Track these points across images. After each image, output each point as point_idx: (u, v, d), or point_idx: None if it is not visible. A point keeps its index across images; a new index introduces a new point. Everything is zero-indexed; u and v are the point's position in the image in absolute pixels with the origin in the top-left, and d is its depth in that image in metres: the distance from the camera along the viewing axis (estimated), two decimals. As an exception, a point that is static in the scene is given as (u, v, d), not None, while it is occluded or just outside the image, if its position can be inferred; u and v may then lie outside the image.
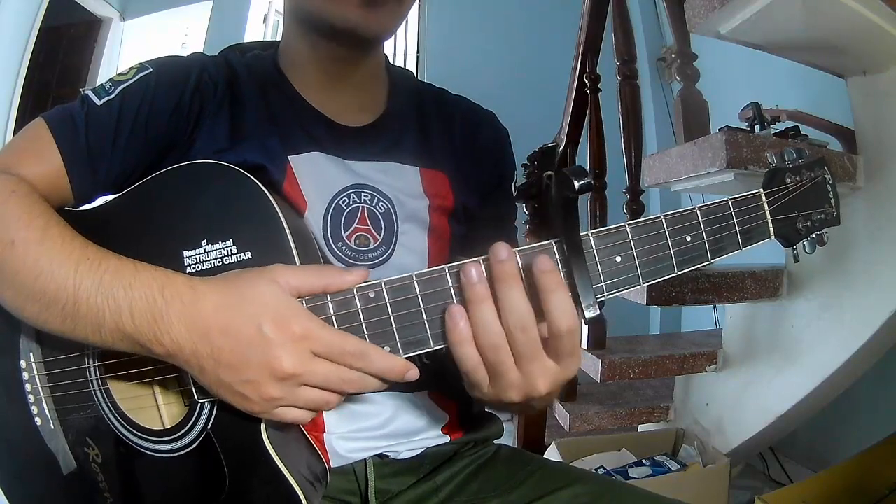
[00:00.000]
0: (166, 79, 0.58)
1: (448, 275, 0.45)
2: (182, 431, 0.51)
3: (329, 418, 0.59)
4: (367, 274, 0.46)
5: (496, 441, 0.72)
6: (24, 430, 0.55)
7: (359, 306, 0.45)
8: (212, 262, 0.49)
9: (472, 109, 0.74)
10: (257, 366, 0.43)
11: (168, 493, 0.52)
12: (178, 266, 0.49)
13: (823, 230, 0.54)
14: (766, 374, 1.41)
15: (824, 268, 1.26)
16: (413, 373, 0.46)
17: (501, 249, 0.42)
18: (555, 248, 0.45)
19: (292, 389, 0.44)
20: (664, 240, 0.47)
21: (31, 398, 0.55)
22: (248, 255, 0.48)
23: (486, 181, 0.71)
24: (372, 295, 0.45)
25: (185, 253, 0.49)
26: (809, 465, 1.79)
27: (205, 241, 0.49)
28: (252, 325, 0.43)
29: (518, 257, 0.44)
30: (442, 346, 0.45)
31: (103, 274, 0.45)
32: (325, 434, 0.59)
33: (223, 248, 0.49)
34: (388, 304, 0.45)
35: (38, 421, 0.55)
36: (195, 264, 0.49)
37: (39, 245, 0.46)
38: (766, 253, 0.52)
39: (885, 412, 1.58)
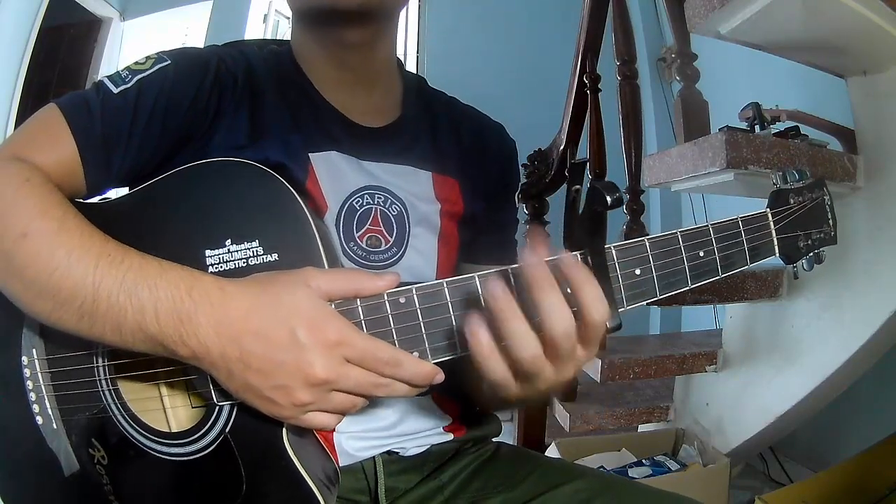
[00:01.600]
0: (185, 71, 0.57)
1: (478, 282, 0.45)
2: (198, 434, 0.50)
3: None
4: (398, 278, 0.45)
5: (495, 439, 0.73)
6: (23, 429, 0.54)
7: (389, 311, 0.45)
8: (236, 262, 0.47)
9: (480, 119, 0.75)
10: (289, 371, 0.42)
11: (180, 497, 0.51)
12: (200, 266, 0.47)
13: (821, 249, 0.57)
14: (766, 374, 1.41)
15: (824, 268, 1.25)
16: (440, 376, 0.45)
17: (532, 258, 0.41)
18: (580, 259, 0.46)
19: (323, 394, 0.43)
20: (679, 255, 0.49)
21: (32, 396, 0.53)
22: (276, 256, 0.47)
23: (492, 189, 0.72)
24: (402, 301, 0.45)
25: (208, 252, 0.48)
26: (809, 465, 1.79)
27: (229, 240, 0.47)
28: (285, 329, 0.42)
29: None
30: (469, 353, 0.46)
31: (126, 271, 0.43)
32: (334, 434, 0.59)
33: (249, 249, 0.47)
34: (418, 310, 0.45)
35: (39, 420, 0.54)
36: (218, 264, 0.48)
37: (56, 237, 0.44)
38: (766, 253, 0.55)
39: (885, 412, 1.58)
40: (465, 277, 0.45)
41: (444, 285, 0.45)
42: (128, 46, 3.48)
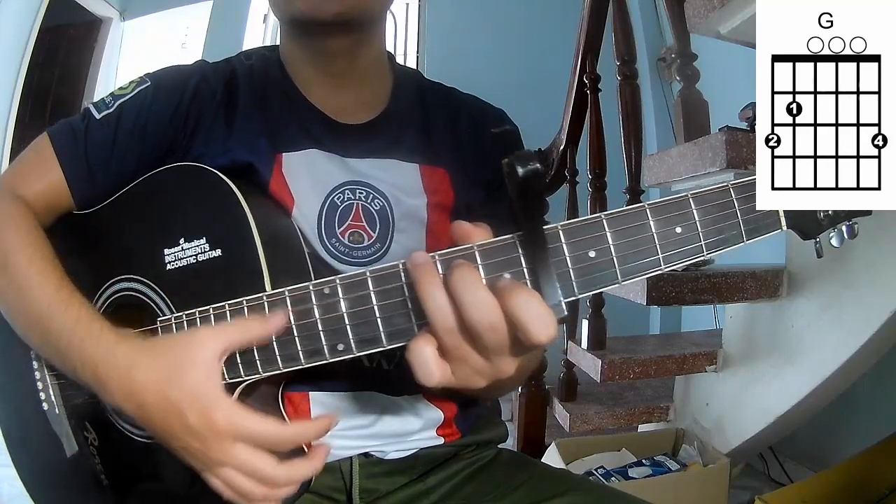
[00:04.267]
0: (164, 89, 0.61)
1: (402, 271, 0.42)
2: None
3: (316, 414, 0.60)
4: (284, 316, 0.45)
5: (500, 445, 0.72)
6: (33, 413, 0.58)
7: (314, 302, 0.44)
8: (188, 259, 0.52)
9: (480, 108, 0.73)
10: (185, 446, 0.46)
11: (159, 478, 0.55)
12: (161, 263, 0.53)
13: (853, 220, 0.44)
14: (766, 374, 1.41)
15: (824, 267, 1.26)
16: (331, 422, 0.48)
17: (419, 256, 0.40)
18: (517, 242, 0.40)
19: (219, 469, 0.46)
20: (648, 231, 0.40)
21: (39, 384, 0.58)
22: (219, 252, 0.51)
23: (491, 179, 0.70)
24: (327, 291, 0.44)
25: (166, 251, 0.53)
26: (809, 465, 1.79)
27: (182, 239, 0.52)
28: (177, 412, 0.45)
29: (478, 253, 0.41)
30: (396, 346, 0.43)
31: (66, 320, 0.49)
32: None
33: (197, 246, 0.52)
34: (341, 301, 0.44)
35: (45, 405, 0.58)
36: (175, 261, 0.53)
37: (25, 272, 0.52)
38: (767, 253, 0.51)
39: (885, 412, 1.58)
40: (388, 266, 0.43)
41: (367, 275, 0.43)
42: (128, 46, 3.48)
